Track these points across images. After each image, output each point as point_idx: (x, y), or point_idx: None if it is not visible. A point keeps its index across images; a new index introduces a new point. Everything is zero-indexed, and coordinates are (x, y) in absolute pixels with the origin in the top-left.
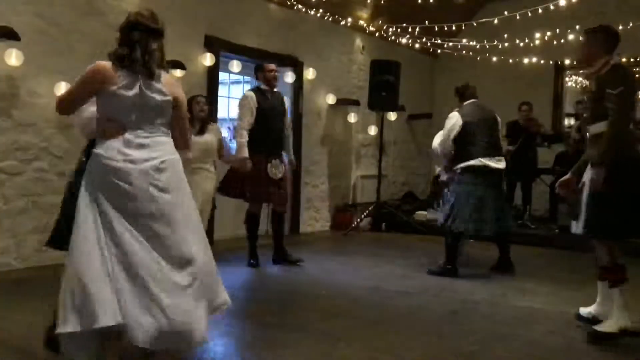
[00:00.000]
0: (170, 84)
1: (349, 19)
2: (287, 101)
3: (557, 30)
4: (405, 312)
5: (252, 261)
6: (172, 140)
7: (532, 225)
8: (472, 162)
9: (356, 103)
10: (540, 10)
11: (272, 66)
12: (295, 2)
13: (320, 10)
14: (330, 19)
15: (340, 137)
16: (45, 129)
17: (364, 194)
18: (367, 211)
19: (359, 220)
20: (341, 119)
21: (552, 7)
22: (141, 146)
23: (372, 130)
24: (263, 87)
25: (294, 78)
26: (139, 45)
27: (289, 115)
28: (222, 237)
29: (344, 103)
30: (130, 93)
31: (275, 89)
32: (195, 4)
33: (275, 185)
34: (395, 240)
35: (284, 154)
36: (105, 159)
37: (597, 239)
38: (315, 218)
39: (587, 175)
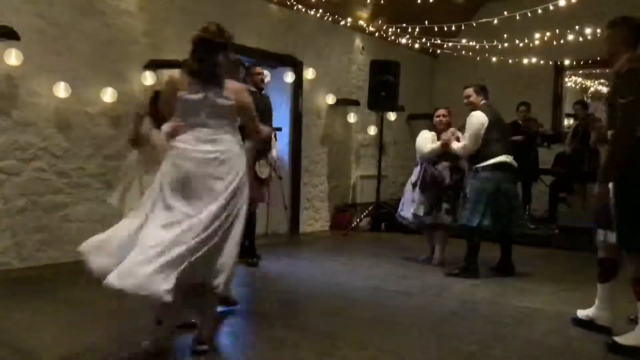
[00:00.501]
0: (235, 90)
1: (349, 19)
2: (287, 101)
3: (557, 31)
4: (405, 312)
5: (250, 260)
6: (235, 137)
7: (531, 225)
8: (499, 159)
9: (356, 103)
10: (539, 11)
11: (259, 69)
12: (295, 2)
13: (320, 10)
14: (330, 19)
15: (339, 137)
16: (45, 128)
17: (363, 193)
18: (366, 211)
19: (358, 220)
20: (341, 119)
21: (551, 7)
22: (206, 141)
23: (372, 130)
24: (252, 89)
25: (294, 78)
26: (205, 59)
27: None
28: None
29: (344, 103)
30: (197, 97)
31: (263, 91)
32: (194, 4)
33: (263, 184)
34: (395, 240)
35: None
36: (177, 149)
37: (629, 252)
38: (314, 218)
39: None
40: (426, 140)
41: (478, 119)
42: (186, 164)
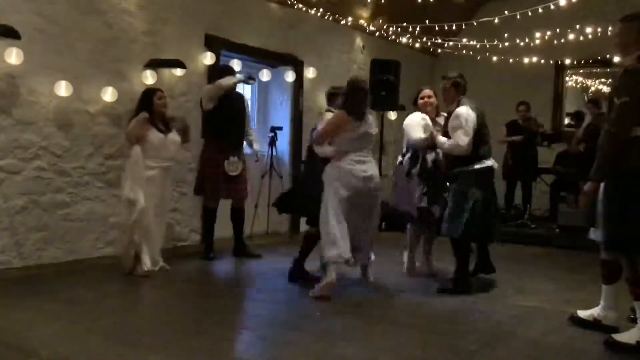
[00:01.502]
0: (374, 123)
1: (350, 18)
2: (288, 100)
3: (558, 30)
4: (405, 311)
5: (210, 255)
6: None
7: (532, 224)
8: (488, 163)
9: None
10: (540, 10)
11: (230, 73)
12: (295, 1)
13: (321, 10)
14: (330, 18)
15: None
16: (45, 127)
17: None
18: None
19: None
20: None
21: (552, 7)
22: (362, 162)
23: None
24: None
25: (294, 77)
26: (360, 101)
27: (253, 115)
28: (222, 236)
29: None
30: (358, 129)
31: (234, 91)
32: (195, 3)
33: (233, 182)
34: (394, 240)
35: (253, 150)
36: (347, 169)
37: (619, 253)
38: None
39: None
40: (416, 125)
41: (470, 113)
42: (354, 181)
